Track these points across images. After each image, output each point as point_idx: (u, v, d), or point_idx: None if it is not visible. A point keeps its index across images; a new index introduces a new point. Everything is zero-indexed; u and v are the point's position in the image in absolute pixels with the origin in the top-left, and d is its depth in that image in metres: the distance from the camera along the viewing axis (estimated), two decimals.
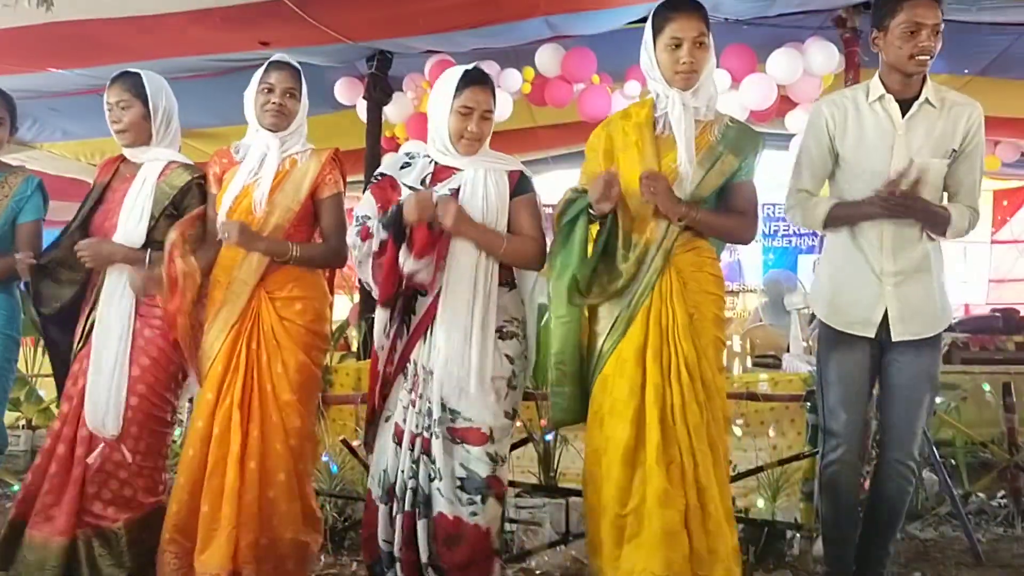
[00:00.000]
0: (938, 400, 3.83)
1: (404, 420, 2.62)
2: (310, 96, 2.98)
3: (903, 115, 2.62)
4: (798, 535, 3.34)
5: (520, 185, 2.73)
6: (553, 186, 5.95)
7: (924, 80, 2.63)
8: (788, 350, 6.14)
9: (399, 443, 2.61)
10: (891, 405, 2.73)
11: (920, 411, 2.70)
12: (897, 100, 2.63)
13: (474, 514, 2.54)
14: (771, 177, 5.29)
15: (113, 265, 2.90)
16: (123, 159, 3.08)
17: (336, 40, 4.67)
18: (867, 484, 2.97)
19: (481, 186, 2.66)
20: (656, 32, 2.58)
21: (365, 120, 5.67)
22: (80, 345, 2.94)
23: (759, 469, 3.46)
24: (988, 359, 5.54)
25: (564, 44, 5.39)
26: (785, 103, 5.49)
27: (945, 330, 2.77)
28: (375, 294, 2.65)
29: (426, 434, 2.58)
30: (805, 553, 3.30)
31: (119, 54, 4.75)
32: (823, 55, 5.08)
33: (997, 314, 6.21)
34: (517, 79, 5.48)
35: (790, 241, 10.91)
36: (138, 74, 2.98)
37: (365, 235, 2.61)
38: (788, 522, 3.36)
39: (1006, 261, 8.98)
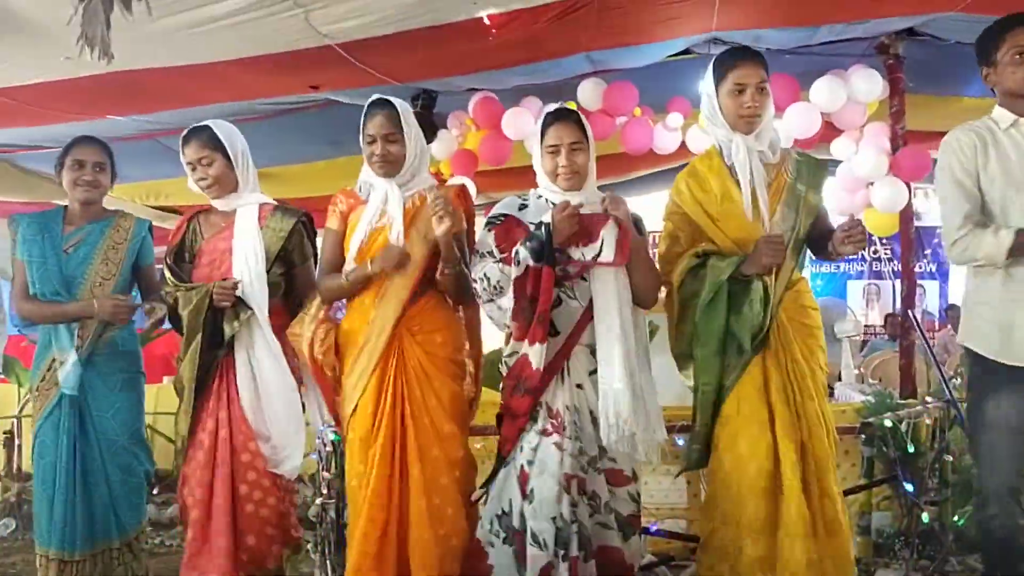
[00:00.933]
0: None
1: (530, 462, 2.61)
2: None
3: None
4: (855, 570, 3.28)
5: (636, 228, 2.78)
6: None
7: None
8: (840, 378, 6.06)
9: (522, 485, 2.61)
10: None
11: None
12: None
13: (627, 548, 2.64)
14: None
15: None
16: (198, 214, 3.17)
17: (383, 82, 4.76)
18: None
19: None
20: (719, 79, 2.71)
21: None
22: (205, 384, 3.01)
23: None
24: None
25: (605, 78, 5.44)
26: (829, 130, 5.46)
27: None
28: (513, 330, 2.64)
29: (582, 473, 2.61)
30: None
31: (173, 100, 4.92)
32: (867, 82, 5.04)
33: None
34: None
35: (839, 267, 10.79)
36: (208, 127, 3.04)
37: (511, 260, 2.63)
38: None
39: None
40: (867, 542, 3.34)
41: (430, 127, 5.69)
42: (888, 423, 3.54)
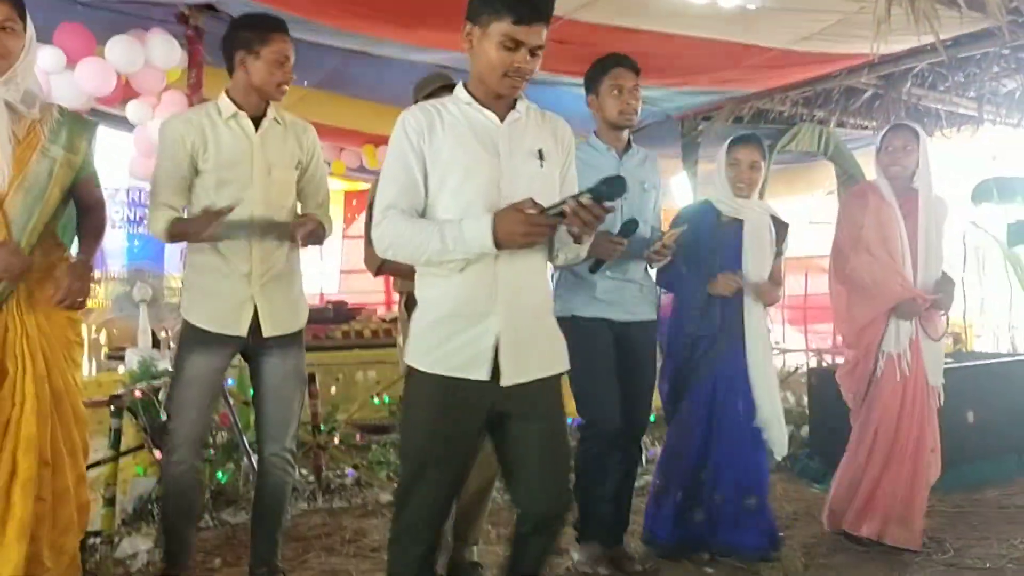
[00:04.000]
0: None
1: None
2: None
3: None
4: (98, 540, 3.29)
5: None
6: None
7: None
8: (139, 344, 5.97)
9: None
10: (266, 404, 2.91)
11: (293, 406, 2.94)
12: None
13: None
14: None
15: None
16: None
17: None
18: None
19: None
20: None
21: None
22: None
23: None
24: (320, 347, 6.09)
25: None
26: (129, 91, 5.34)
27: None
28: None
29: None
30: (106, 559, 3.27)
31: None
32: (164, 48, 5.03)
33: (330, 306, 6.88)
34: None
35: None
36: None
37: None
38: (91, 530, 3.28)
39: (354, 254, 10.00)
40: (110, 513, 3.31)
41: None
42: (139, 394, 3.61)
